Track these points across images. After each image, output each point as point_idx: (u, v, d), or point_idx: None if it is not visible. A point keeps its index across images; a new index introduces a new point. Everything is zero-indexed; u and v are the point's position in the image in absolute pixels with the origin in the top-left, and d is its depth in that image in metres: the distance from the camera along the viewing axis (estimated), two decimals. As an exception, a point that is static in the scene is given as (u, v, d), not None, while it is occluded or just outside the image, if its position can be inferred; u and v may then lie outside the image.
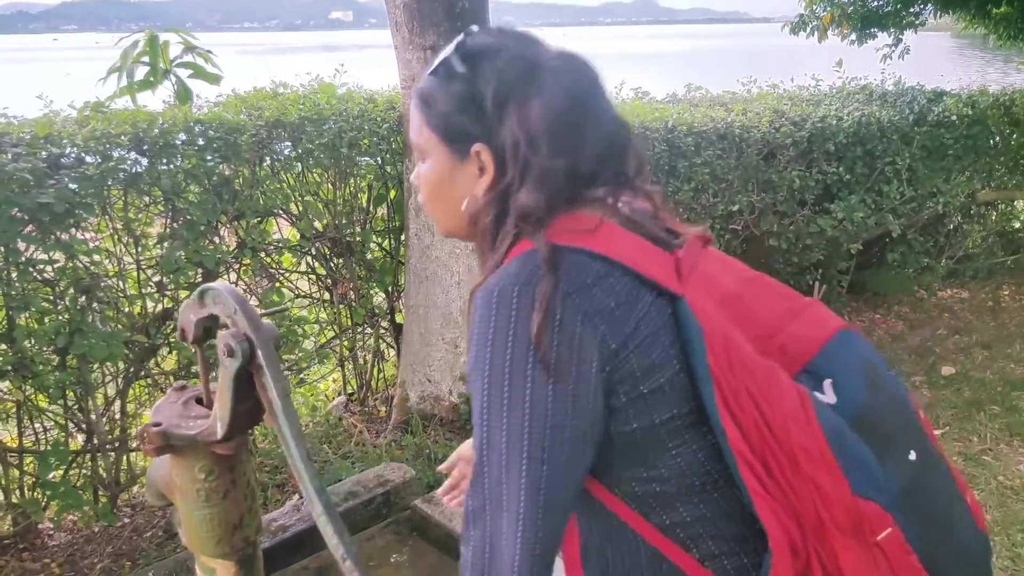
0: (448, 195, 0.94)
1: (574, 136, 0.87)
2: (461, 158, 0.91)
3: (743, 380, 0.83)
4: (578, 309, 0.81)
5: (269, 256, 3.16)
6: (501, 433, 0.81)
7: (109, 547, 2.60)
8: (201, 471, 1.21)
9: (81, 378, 2.54)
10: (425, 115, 0.93)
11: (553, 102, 0.86)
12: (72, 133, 2.48)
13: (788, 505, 0.82)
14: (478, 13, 3.00)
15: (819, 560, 0.82)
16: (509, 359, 0.81)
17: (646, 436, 0.85)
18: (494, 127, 0.88)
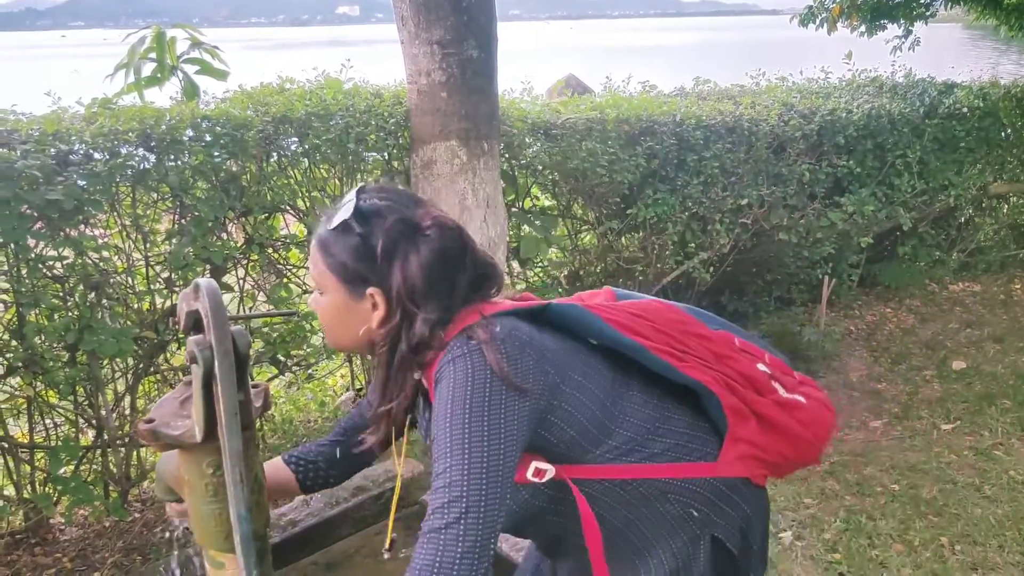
0: (344, 324, 1.15)
1: (443, 284, 1.09)
2: (357, 297, 1.11)
3: (624, 310, 1.20)
4: (517, 342, 1.06)
5: (276, 252, 3.16)
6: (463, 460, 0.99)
7: (120, 542, 2.62)
8: (209, 466, 1.21)
9: (91, 374, 2.56)
10: (326, 260, 1.12)
11: (425, 261, 1.08)
12: (80, 130, 2.49)
13: (699, 361, 1.18)
14: (484, 6, 2.99)
15: (731, 378, 1.18)
16: (488, 392, 1.01)
17: (596, 423, 1.11)
18: (386, 274, 1.08)
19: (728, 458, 1.15)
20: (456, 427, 0.99)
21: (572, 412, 1.09)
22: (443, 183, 3.07)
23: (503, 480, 0.99)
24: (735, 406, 1.16)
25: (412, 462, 2.58)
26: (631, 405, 1.15)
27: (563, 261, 4.15)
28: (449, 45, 2.94)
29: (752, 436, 1.16)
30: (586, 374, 1.12)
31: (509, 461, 1.00)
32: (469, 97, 3.00)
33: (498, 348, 1.03)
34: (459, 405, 1.00)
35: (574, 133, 3.60)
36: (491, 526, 0.97)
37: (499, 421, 1.00)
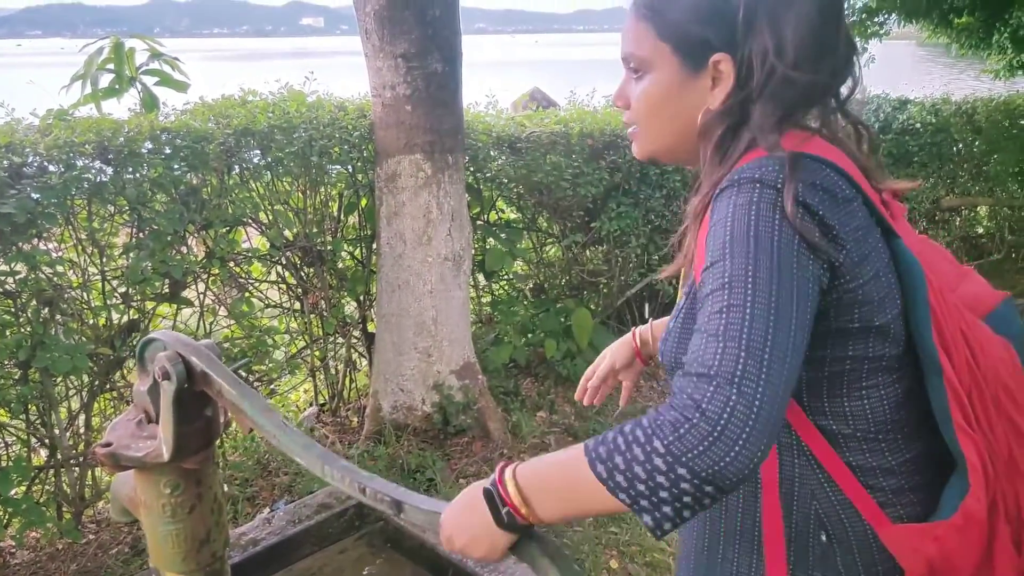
0: (671, 110, 0.93)
1: (820, 50, 0.86)
2: (695, 69, 0.90)
3: (958, 321, 0.86)
4: (830, 208, 0.82)
5: (238, 266, 3.12)
6: (746, 296, 0.76)
7: (74, 564, 2.54)
8: (167, 486, 1.19)
9: (44, 392, 2.49)
10: (655, 25, 0.91)
11: (806, 15, 0.85)
12: (35, 142, 2.44)
13: (986, 441, 0.85)
14: (449, 20, 3.00)
15: (1003, 500, 0.85)
16: (754, 227, 0.78)
17: (851, 370, 0.87)
18: (740, 37, 0.87)
19: (906, 537, 0.86)
20: (737, 259, 0.77)
21: (860, 301, 0.83)
22: (408, 196, 3.07)
23: (798, 333, 0.76)
24: (977, 517, 0.83)
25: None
26: (892, 384, 0.88)
27: (528, 274, 4.17)
28: (413, 59, 2.95)
29: (957, 557, 0.84)
30: (888, 291, 0.86)
31: (804, 316, 0.77)
32: (433, 110, 3.01)
33: (809, 191, 0.80)
34: (740, 234, 0.78)
35: (539, 147, 3.62)
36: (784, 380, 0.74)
37: (791, 263, 0.77)
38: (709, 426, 0.71)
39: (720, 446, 0.71)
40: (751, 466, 0.71)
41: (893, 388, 0.88)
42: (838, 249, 0.81)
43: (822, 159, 0.84)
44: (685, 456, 0.71)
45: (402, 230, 3.10)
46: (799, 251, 0.78)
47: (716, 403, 0.72)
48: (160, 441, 1.14)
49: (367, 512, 2.41)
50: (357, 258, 3.49)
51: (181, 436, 1.12)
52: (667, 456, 0.72)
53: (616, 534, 2.67)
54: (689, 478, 0.71)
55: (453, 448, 3.19)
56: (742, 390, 0.72)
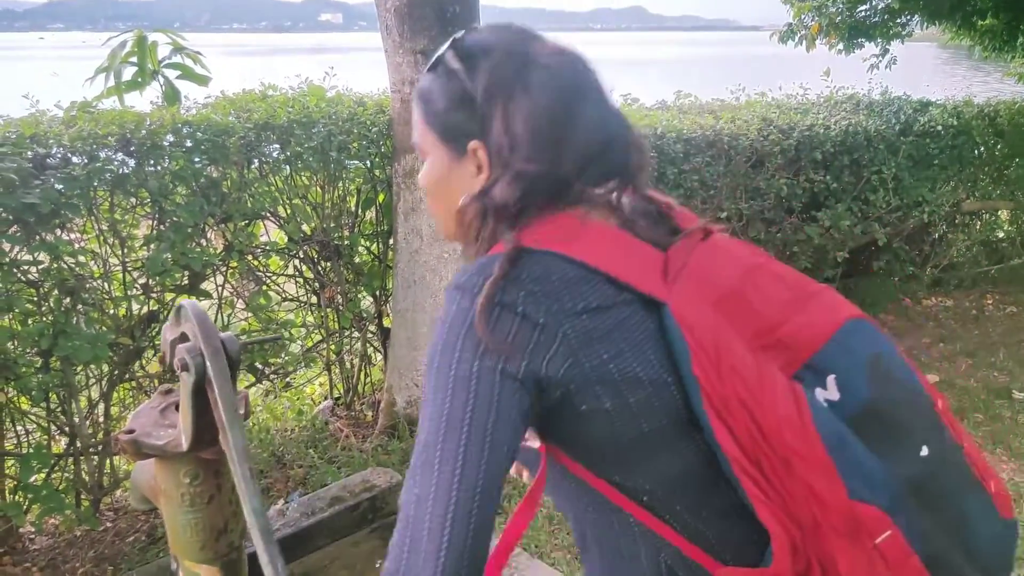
0: (447, 194, 0.93)
1: (556, 139, 0.85)
2: (459, 156, 0.90)
3: (733, 387, 0.81)
4: (540, 304, 0.80)
5: (256, 259, 3.14)
6: (441, 413, 0.79)
7: (91, 551, 2.58)
8: (186, 475, 1.20)
9: (65, 380, 2.52)
10: (423, 113, 0.93)
11: (538, 103, 0.84)
12: (59, 133, 2.46)
13: (785, 507, 0.81)
14: (469, 17, 3.00)
15: (819, 562, 0.82)
16: (458, 351, 0.80)
17: (635, 443, 0.84)
18: (488, 124, 0.86)
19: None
20: (436, 372, 0.82)
21: (609, 414, 0.83)
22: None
23: (493, 445, 0.78)
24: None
25: (389, 471, 2.57)
26: (682, 457, 0.86)
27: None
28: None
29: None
30: (654, 384, 0.84)
31: (501, 430, 0.79)
32: (452, 107, 3.01)
33: (500, 301, 0.79)
34: (437, 353, 0.82)
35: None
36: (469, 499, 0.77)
37: (489, 379, 0.79)
38: (393, 563, 0.76)
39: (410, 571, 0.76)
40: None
41: (695, 449, 0.85)
42: (551, 361, 0.80)
43: (553, 254, 0.82)
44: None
45: (419, 226, 3.11)
46: (498, 379, 0.79)
47: (395, 537, 0.77)
48: (179, 430, 1.15)
49: (380, 506, 2.42)
50: (374, 253, 3.51)
51: (200, 426, 1.14)
52: None
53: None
54: None
55: (466, 444, 3.20)
56: (415, 520, 0.76)
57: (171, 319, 1.17)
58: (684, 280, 0.85)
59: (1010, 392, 3.95)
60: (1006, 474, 3.20)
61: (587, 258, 0.83)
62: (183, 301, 1.15)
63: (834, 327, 0.87)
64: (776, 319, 0.87)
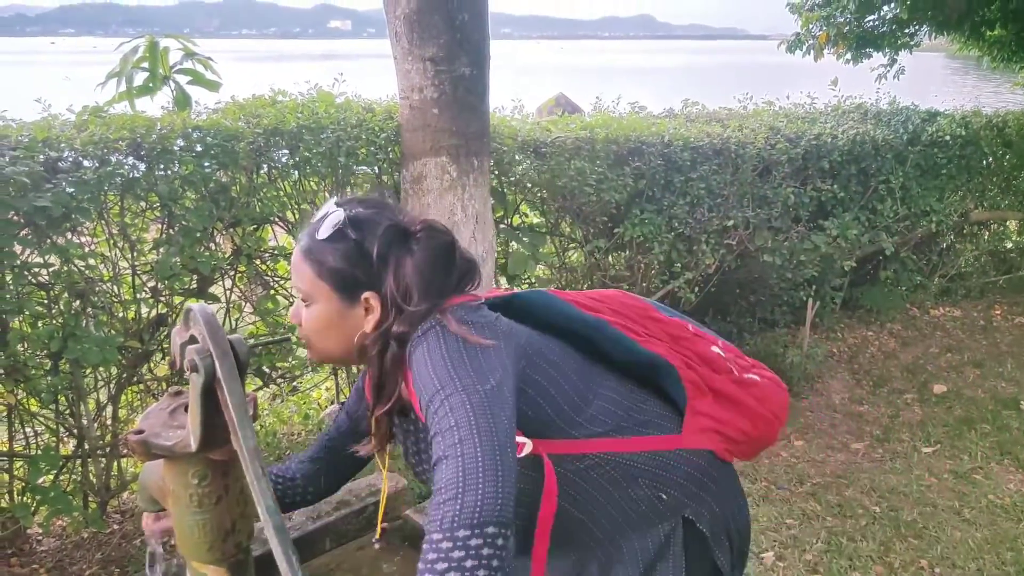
0: (334, 333, 1.15)
1: (438, 284, 1.11)
2: (351, 303, 1.13)
3: (588, 296, 1.27)
4: (482, 318, 1.09)
5: (264, 263, 3.16)
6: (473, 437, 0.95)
7: (98, 553, 2.59)
8: (195, 476, 1.21)
9: (74, 383, 2.54)
10: (316, 269, 1.13)
11: (420, 260, 1.10)
12: (70, 137, 2.49)
13: (660, 342, 1.24)
14: (477, 25, 3.02)
15: (690, 360, 1.24)
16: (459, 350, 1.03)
17: (570, 401, 1.13)
18: (381, 279, 1.11)
19: (690, 429, 1.19)
20: (443, 374, 0.99)
21: (546, 387, 1.11)
22: (433, 198, 3.09)
23: (507, 406, 0.97)
24: (693, 380, 1.21)
25: (396, 476, 2.57)
26: (602, 387, 1.18)
27: (550, 278, 4.17)
28: (442, 62, 2.97)
29: (711, 410, 1.21)
30: (558, 354, 1.15)
31: (506, 394, 0.99)
32: (460, 114, 3.03)
33: (462, 319, 1.05)
34: (438, 359, 1.01)
35: (563, 152, 3.63)
36: (506, 442, 0.94)
37: (483, 361, 1.00)
38: (452, 491, 0.89)
39: (469, 495, 0.88)
40: (506, 493, 0.90)
41: (608, 379, 1.20)
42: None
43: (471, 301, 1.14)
44: (454, 521, 0.87)
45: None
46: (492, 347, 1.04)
47: (449, 477, 0.91)
48: (188, 431, 1.16)
49: (386, 510, 2.42)
50: (381, 259, 3.51)
51: (209, 427, 1.14)
52: (443, 534, 0.87)
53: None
54: (469, 534, 0.86)
55: (472, 450, 3.20)
56: (465, 457, 0.92)
57: (180, 323, 1.18)
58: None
59: (1018, 403, 3.94)
60: (1013, 485, 3.19)
61: (472, 299, 1.16)
62: (191, 304, 1.16)
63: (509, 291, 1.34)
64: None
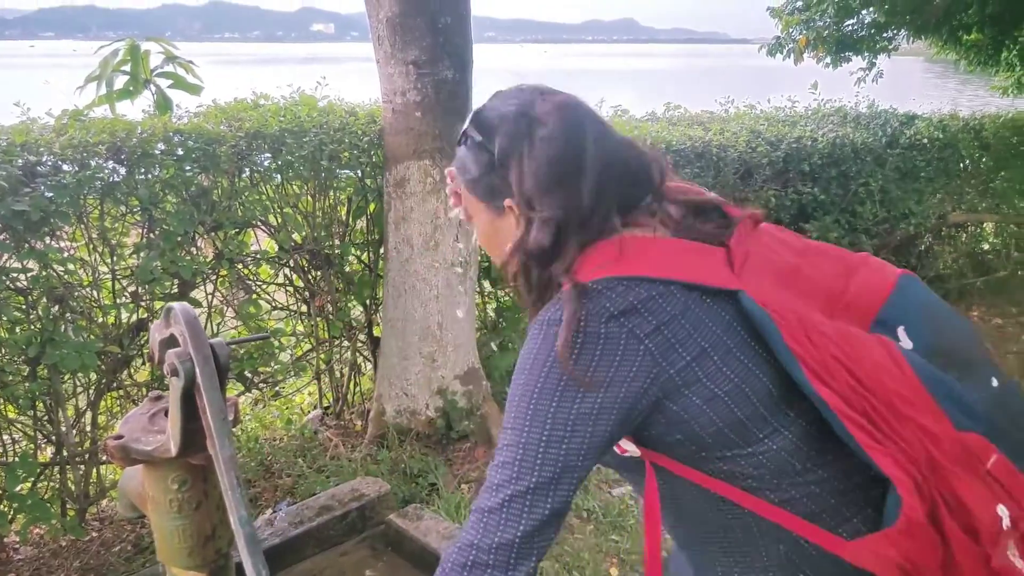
0: (497, 243, 1.04)
1: (565, 185, 0.94)
2: (499, 213, 1.01)
3: (826, 349, 0.88)
4: (621, 327, 0.88)
5: (246, 267, 3.14)
6: (521, 437, 0.88)
7: (77, 561, 2.56)
8: (174, 482, 1.20)
9: (52, 389, 2.51)
10: (462, 180, 1.04)
11: (542, 159, 0.94)
12: (49, 141, 2.46)
13: (900, 451, 0.87)
14: (460, 29, 3.03)
15: (941, 497, 0.87)
16: (542, 377, 0.89)
17: (734, 430, 0.90)
18: (510, 183, 0.97)
19: (866, 549, 0.88)
20: (518, 401, 0.90)
21: (694, 416, 0.90)
22: (416, 202, 3.09)
23: (562, 473, 0.88)
24: (918, 522, 0.85)
25: (378, 481, 2.57)
26: (784, 430, 0.91)
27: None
28: (424, 65, 2.97)
29: (919, 558, 0.86)
30: (740, 375, 0.90)
31: (572, 456, 0.88)
32: (443, 117, 3.03)
33: (581, 330, 0.88)
34: (526, 380, 0.90)
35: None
36: (538, 519, 0.87)
37: (566, 413, 0.88)
38: None
39: None
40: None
41: (795, 428, 0.91)
42: (636, 377, 0.88)
43: (620, 278, 0.90)
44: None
45: (409, 235, 3.12)
46: (578, 395, 0.87)
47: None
48: (168, 436, 1.15)
49: (369, 515, 2.42)
50: (364, 262, 3.51)
51: (188, 432, 1.14)
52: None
53: (617, 542, 2.67)
54: None
55: (456, 453, 3.20)
56: None
57: (161, 319, 1.17)
58: (750, 267, 0.93)
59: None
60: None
61: (651, 272, 0.90)
62: (174, 304, 1.15)
63: (889, 285, 0.97)
64: (837, 287, 0.96)
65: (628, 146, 1.00)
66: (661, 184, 1.00)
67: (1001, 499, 0.88)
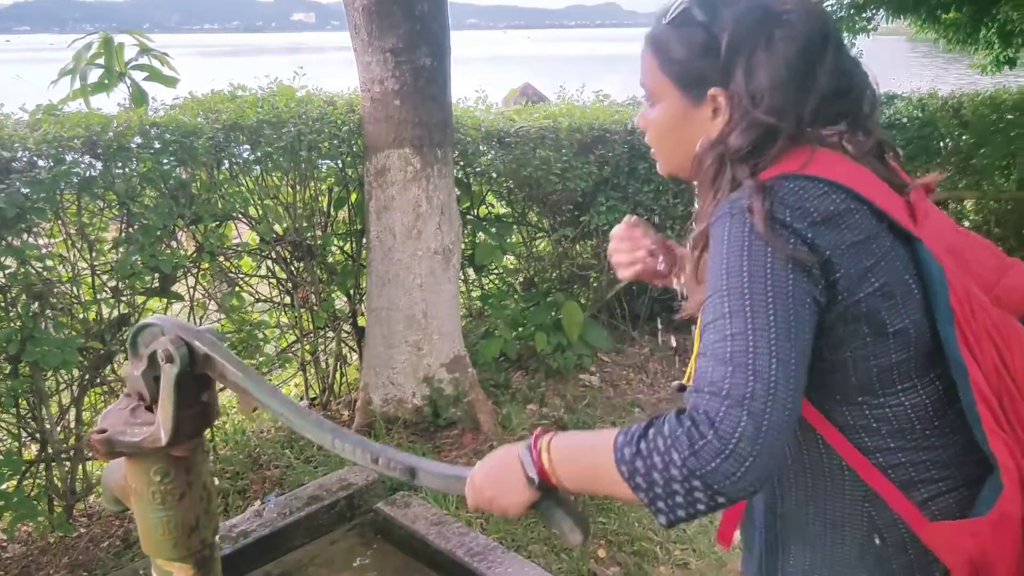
0: (677, 137, 0.98)
1: (796, 93, 0.88)
2: (695, 102, 0.94)
3: (984, 323, 0.87)
4: (824, 237, 0.83)
5: (228, 260, 3.13)
6: (746, 323, 0.80)
7: (65, 558, 2.55)
8: (156, 473, 1.20)
9: (34, 386, 2.50)
10: (659, 61, 0.96)
11: (780, 58, 0.88)
12: (23, 136, 2.44)
13: (1019, 444, 0.86)
14: (437, 15, 3.01)
15: None
16: (747, 256, 0.82)
17: (881, 374, 0.88)
18: (731, 74, 0.90)
19: (945, 534, 0.88)
20: (734, 290, 0.81)
21: (867, 343, 0.86)
22: (397, 190, 3.08)
23: (799, 353, 0.80)
24: (1012, 516, 0.85)
25: (366, 470, 2.58)
26: (918, 388, 0.90)
27: (518, 268, 4.18)
28: (402, 53, 2.96)
29: (995, 555, 0.86)
30: (912, 317, 0.87)
31: (803, 335, 0.80)
32: (422, 105, 3.02)
33: (778, 217, 0.82)
34: (735, 265, 0.82)
35: (528, 141, 3.63)
36: (786, 409, 0.78)
37: (785, 286, 0.80)
38: (721, 444, 0.77)
39: (731, 463, 0.76)
40: (759, 481, 0.77)
41: (930, 389, 0.90)
42: (824, 263, 0.83)
43: (810, 177, 0.86)
44: (700, 470, 0.77)
45: (391, 224, 3.11)
46: (791, 271, 0.81)
47: (728, 423, 0.77)
48: (158, 425, 1.15)
49: (357, 504, 2.43)
50: (347, 252, 3.50)
51: (180, 419, 1.14)
52: (683, 468, 0.78)
53: (604, 524, 2.69)
54: (703, 488, 0.78)
55: (443, 440, 3.22)
56: (752, 411, 0.77)
57: (130, 356, 1.19)
58: (927, 226, 0.91)
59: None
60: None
61: (850, 183, 0.86)
62: (140, 323, 1.17)
63: None
64: (990, 279, 0.95)
65: (857, 65, 0.94)
66: (870, 116, 0.95)
67: None
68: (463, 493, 0.99)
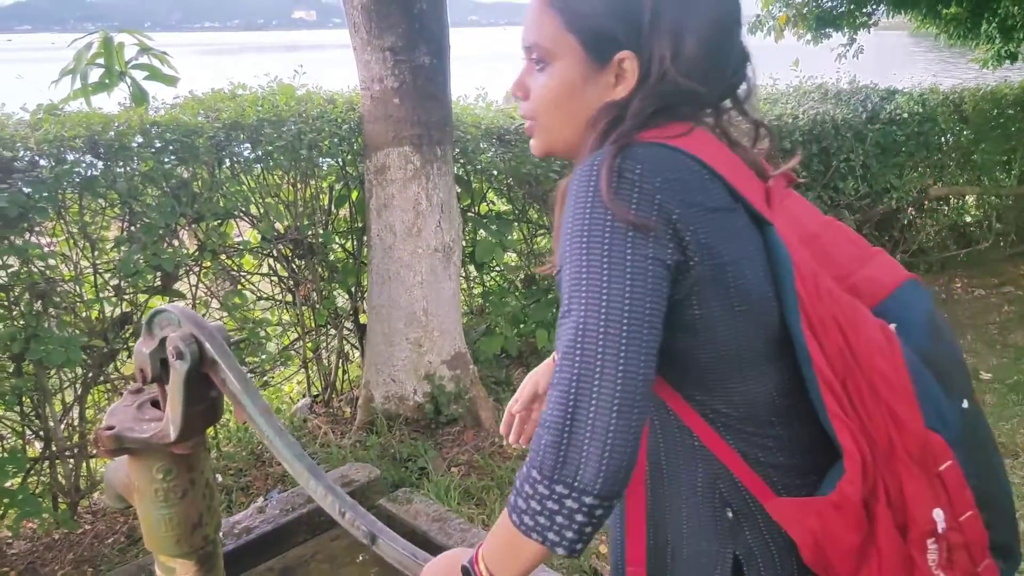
0: (573, 104, 0.91)
1: (714, 61, 0.87)
2: (600, 64, 0.88)
3: (830, 308, 0.86)
4: (674, 196, 0.81)
5: (230, 258, 3.14)
6: (587, 316, 0.78)
7: (70, 554, 2.57)
8: (159, 471, 1.22)
9: (38, 384, 2.51)
10: (563, 17, 0.89)
11: (707, 24, 0.86)
12: (25, 136, 2.45)
13: (863, 429, 0.86)
14: (436, 13, 3.02)
15: (884, 485, 0.86)
16: (587, 224, 0.80)
17: (726, 358, 0.87)
18: (645, 37, 0.86)
19: (789, 510, 0.88)
20: (574, 255, 0.80)
21: (718, 321, 0.85)
22: (397, 188, 3.09)
23: (637, 331, 0.77)
24: (852, 499, 0.85)
25: (368, 466, 2.59)
26: (761, 381, 0.89)
27: (519, 265, 4.19)
28: (401, 52, 2.97)
29: (838, 537, 0.86)
30: (762, 297, 0.86)
31: (643, 309, 0.78)
32: (422, 103, 3.03)
33: (620, 173, 0.79)
34: (578, 232, 0.80)
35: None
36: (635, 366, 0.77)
37: (623, 261, 0.78)
38: (555, 436, 0.76)
39: (573, 452, 0.75)
40: (611, 467, 0.75)
41: (777, 378, 0.89)
42: (675, 223, 0.81)
43: (679, 149, 0.84)
44: (553, 472, 0.75)
45: (392, 222, 3.13)
46: (630, 239, 0.79)
47: (556, 413, 0.76)
48: (167, 421, 1.17)
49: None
50: (348, 250, 3.51)
51: (189, 416, 1.15)
52: (542, 479, 0.76)
53: (605, 520, 2.71)
54: (567, 493, 0.76)
55: (444, 437, 3.23)
56: (578, 400, 0.76)
57: (143, 333, 1.19)
58: (782, 213, 0.91)
59: (978, 373, 4.04)
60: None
61: (706, 158, 0.85)
62: (160, 306, 1.17)
63: (895, 284, 0.96)
64: (848, 268, 0.95)
65: (747, 52, 0.94)
66: (747, 100, 0.95)
67: (942, 504, 0.87)
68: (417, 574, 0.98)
